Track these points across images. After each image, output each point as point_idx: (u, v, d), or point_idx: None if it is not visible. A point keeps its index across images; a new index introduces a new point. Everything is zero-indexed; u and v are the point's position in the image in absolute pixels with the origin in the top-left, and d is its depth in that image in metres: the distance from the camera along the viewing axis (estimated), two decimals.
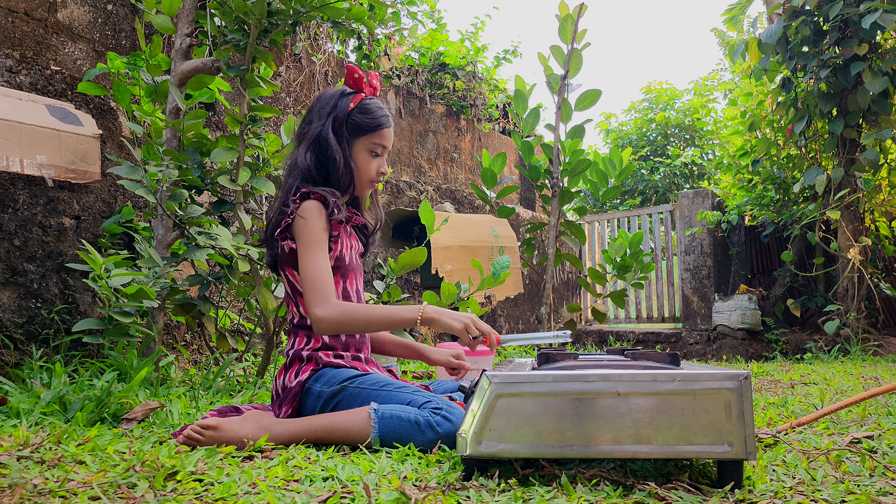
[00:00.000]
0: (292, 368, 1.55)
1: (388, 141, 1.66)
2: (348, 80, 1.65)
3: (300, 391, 1.51)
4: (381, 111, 1.65)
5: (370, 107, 1.64)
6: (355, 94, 1.64)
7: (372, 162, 1.65)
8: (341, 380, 1.48)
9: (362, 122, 1.62)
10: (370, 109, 1.63)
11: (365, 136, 1.63)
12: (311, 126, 1.64)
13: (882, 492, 1.00)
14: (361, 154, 1.64)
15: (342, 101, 1.63)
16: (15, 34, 2.98)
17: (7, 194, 2.27)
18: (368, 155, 1.64)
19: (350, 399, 1.45)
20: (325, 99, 1.66)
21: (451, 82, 6.08)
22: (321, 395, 1.47)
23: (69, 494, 0.96)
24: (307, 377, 1.51)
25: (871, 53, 4.35)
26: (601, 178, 3.75)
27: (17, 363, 2.22)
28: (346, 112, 1.62)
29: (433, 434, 1.30)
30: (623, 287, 4.14)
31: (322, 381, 1.50)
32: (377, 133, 1.63)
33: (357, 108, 1.63)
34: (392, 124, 1.68)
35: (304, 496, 0.97)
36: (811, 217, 4.77)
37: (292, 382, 1.52)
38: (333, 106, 1.63)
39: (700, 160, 10.62)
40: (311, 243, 1.52)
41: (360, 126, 1.62)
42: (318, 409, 1.48)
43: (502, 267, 2.89)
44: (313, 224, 1.52)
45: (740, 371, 1.04)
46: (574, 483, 1.05)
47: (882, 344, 4.54)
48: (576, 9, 3.51)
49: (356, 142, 1.63)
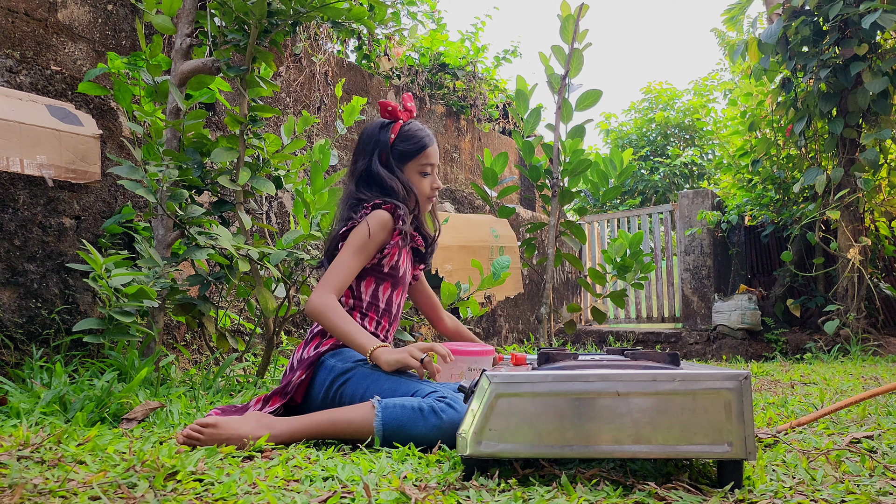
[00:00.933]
0: (312, 343, 1.63)
1: (434, 158, 1.76)
2: (383, 113, 1.75)
3: (316, 360, 1.57)
4: (421, 132, 1.74)
5: (410, 132, 1.73)
6: (394, 124, 1.74)
7: (424, 181, 1.75)
8: (356, 358, 1.55)
9: (406, 149, 1.73)
10: (410, 135, 1.73)
11: (412, 161, 1.74)
12: (357, 164, 1.75)
13: (882, 492, 1.00)
14: (413, 177, 1.74)
15: (382, 133, 1.74)
16: (15, 34, 2.98)
17: (7, 194, 2.27)
18: (419, 176, 1.75)
19: (359, 378, 1.49)
20: (366, 136, 1.77)
21: (451, 82, 6.08)
22: (333, 369, 1.53)
23: (69, 494, 0.96)
24: (326, 350, 1.59)
25: (870, 53, 4.35)
26: (601, 178, 3.75)
27: (17, 363, 2.22)
28: (389, 144, 1.72)
29: (436, 420, 1.31)
30: (623, 287, 4.14)
31: (339, 357, 1.56)
32: (422, 154, 1.73)
33: (398, 137, 1.73)
34: (434, 141, 1.77)
35: (304, 496, 0.97)
36: (811, 217, 4.77)
37: (311, 353, 1.60)
38: (376, 141, 1.74)
39: (700, 160, 10.62)
40: (357, 245, 1.62)
41: (406, 153, 1.73)
42: (328, 384, 1.53)
43: (502, 267, 2.89)
44: (371, 233, 1.62)
45: (740, 371, 1.04)
46: (574, 483, 1.05)
47: (882, 344, 4.54)
48: (577, 9, 3.51)
49: (406, 167, 1.74)
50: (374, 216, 1.64)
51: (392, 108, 1.75)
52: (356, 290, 1.68)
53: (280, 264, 2.35)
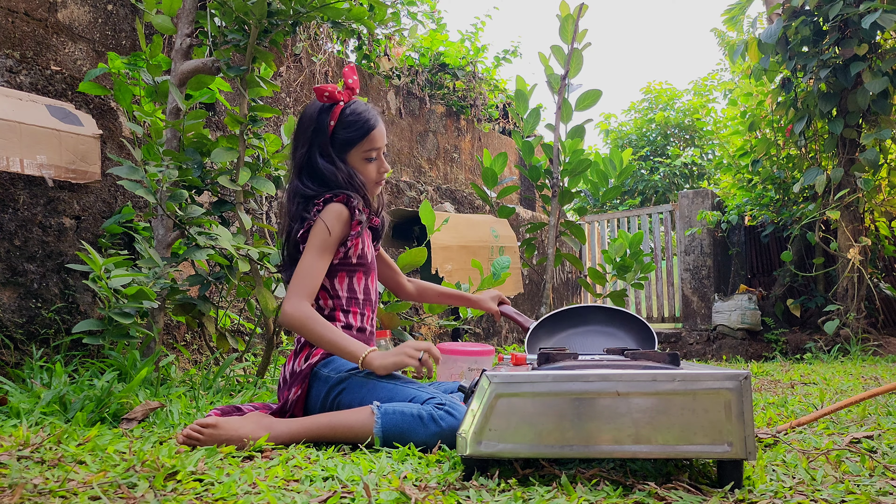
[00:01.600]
0: (302, 354, 1.58)
1: (379, 142, 1.63)
2: (320, 97, 1.60)
3: (309, 373, 1.54)
4: (363, 116, 1.60)
5: (351, 117, 1.59)
6: (334, 108, 1.59)
7: (369, 167, 1.63)
8: (350, 367, 1.51)
9: (347, 137, 1.59)
10: (352, 120, 1.59)
11: (355, 148, 1.61)
12: (297, 152, 1.62)
13: (882, 492, 1.00)
14: (357, 164, 1.62)
15: (321, 118, 1.59)
16: (15, 34, 2.98)
17: (7, 194, 2.27)
18: (364, 162, 1.63)
19: (356, 387, 1.47)
20: (305, 120, 1.62)
21: (451, 82, 6.08)
22: (328, 380, 1.50)
23: (69, 494, 0.96)
24: (317, 360, 1.54)
25: (870, 53, 4.34)
26: (601, 179, 3.75)
27: (17, 363, 2.22)
28: (329, 131, 1.59)
29: (436, 427, 1.31)
30: (623, 287, 4.14)
31: (331, 366, 1.53)
32: (366, 140, 1.61)
33: (338, 123, 1.59)
34: (379, 121, 1.63)
35: (304, 496, 0.97)
36: (811, 217, 4.77)
37: (302, 366, 1.55)
38: (315, 128, 1.60)
39: (700, 160, 10.62)
40: (319, 245, 1.54)
41: (348, 141, 1.60)
42: (324, 395, 1.50)
43: (502, 267, 2.89)
44: (327, 226, 1.54)
45: (740, 371, 1.04)
46: (574, 483, 1.05)
47: (882, 344, 4.54)
48: (576, 9, 3.51)
49: (348, 156, 1.61)
50: (328, 212, 1.54)
51: (329, 91, 1.58)
52: (332, 289, 1.61)
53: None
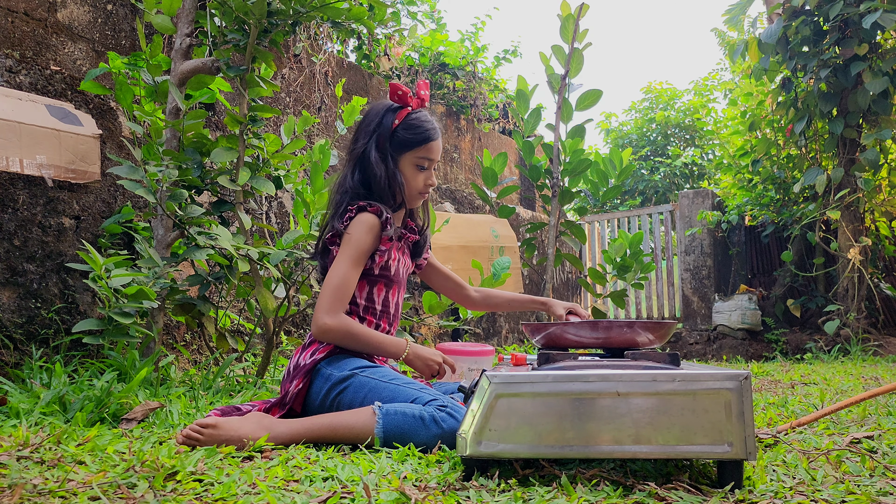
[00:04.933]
0: (309, 348, 1.59)
1: (435, 154, 1.66)
2: (392, 96, 1.66)
3: (312, 368, 1.54)
4: (426, 125, 1.65)
5: (415, 122, 1.64)
6: (401, 110, 1.64)
7: (419, 175, 1.66)
8: (353, 367, 1.51)
9: (406, 137, 1.63)
10: (415, 125, 1.64)
11: (410, 152, 1.64)
12: (357, 144, 1.67)
13: (882, 492, 1.00)
14: (408, 168, 1.65)
15: (387, 117, 1.65)
16: (15, 34, 2.98)
17: (7, 194, 2.27)
18: (415, 169, 1.65)
19: (357, 387, 1.47)
20: (371, 115, 1.67)
21: (451, 82, 6.08)
22: (330, 378, 1.51)
23: (69, 494, 0.96)
24: (322, 357, 1.55)
25: (871, 53, 4.34)
26: (601, 178, 3.75)
27: (17, 363, 2.22)
28: (391, 129, 1.63)
29: (437, 429, 1.31)
30: (623, 287, 4.14)
31: (335, 364, 1.53)
32: (423, 147, 1.64)
33: (402, 123, 1.64)
34: (439, 136, 1.67)
35: (304, 496, 0.97)
36: (811, 217, 4.77)
37: (307, 360, 1.56)
38: (378, 123, 1.65)
39: (700, 160, 10.62)
40: (350, 253, 1.56)
41: (405, 142, 1.63)
42: (324, 392, 1.50)
43: (502, 267, 2.89)
44: (361, 237, 1.56)
45: (740, 371, 1.04)
46: (574, 483, 1.05)
47: (882, 344, 4.54)
48: (577, 9, 3.51)
49: (402, 157, 1.65)
50: (360, 222, 1.57)
51: (403, 92, 1.64)
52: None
53: (280, 264, 2.35)
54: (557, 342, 1.32)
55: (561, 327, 1.29)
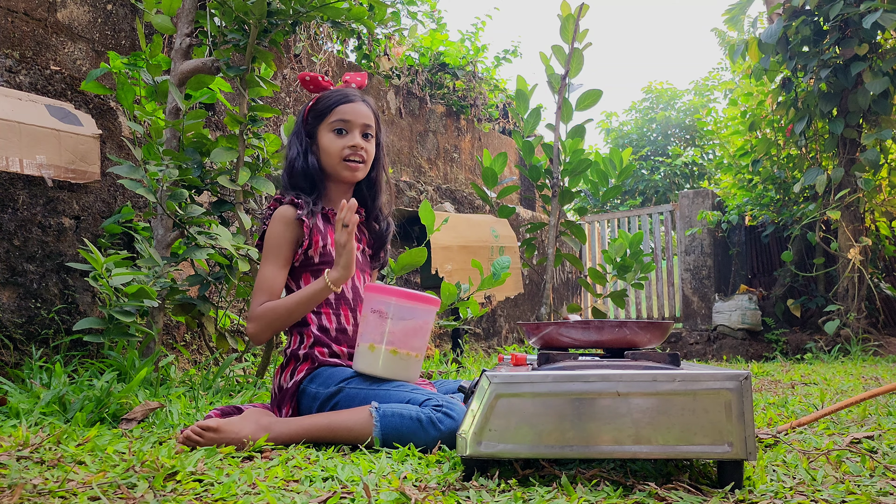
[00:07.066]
0: (288, 368, 1.55)
1: (347, 115, 1.62)
2: (307, 87, 1.68)
3: (296, 391, 1.51)
4: (336, 93, 1.64)
5: (324, 95, 1.65)
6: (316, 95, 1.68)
7: (336, 141, 1.62)
8: (338, 380, 1.47)
9: (318, 110, 1.64)
10: (324, 97, 1.64)
11: (324, 122, 1.63)
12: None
13: (882, 492, 1.00)
14: (325, 137, 1.63)
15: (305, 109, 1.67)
16: (15, 34, 2.98)
17: (7, 194, 2.27)
18: (332, 135, 1.62)
19: (348, 400, 1.45)
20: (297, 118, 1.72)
21: (451, 82, 6.08)
22: (317, 397, 1.48)
23: (69, 494, 0.96)
24: (302, 377, 1.51)
25: (871, 53, 4.34)
26: (601, 178, 3.75)
27: (17, 363, 2.22)
28: (305, 113, 1.66)
29: (436, 431, 1.30)
30: (623, 287, 4.14)
31: (318, 381, 1.50)
32: (333, 112, 1.62)
33: (313, 104, 1.65)
34: (357, 99, 1.64)
35: (304, 496, 0.97)
36: (811, 217, 4.77)
37: (288, 383, 1.53)
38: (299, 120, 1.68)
39: (700, 160, 10.62)
40: (266, 251, 1.58)
41: (318, 115, 1.64)
42: (315, 411, 1.47)
43: (502, 267, 2.89)
44: (274, 231, 1.57)
45: (740, 371, 1.04)
46: (574, 483, 1.05)
47: (882, 344, 4.54)
48: (577, 9, 3.51)
49: (318, 131, 1.64)
50: (274, 218, 1.58)
51: (310, 77, 1.65)
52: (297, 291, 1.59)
53: None
54: (552, 343, 1.32)
55: (555, 328, 1.29)
